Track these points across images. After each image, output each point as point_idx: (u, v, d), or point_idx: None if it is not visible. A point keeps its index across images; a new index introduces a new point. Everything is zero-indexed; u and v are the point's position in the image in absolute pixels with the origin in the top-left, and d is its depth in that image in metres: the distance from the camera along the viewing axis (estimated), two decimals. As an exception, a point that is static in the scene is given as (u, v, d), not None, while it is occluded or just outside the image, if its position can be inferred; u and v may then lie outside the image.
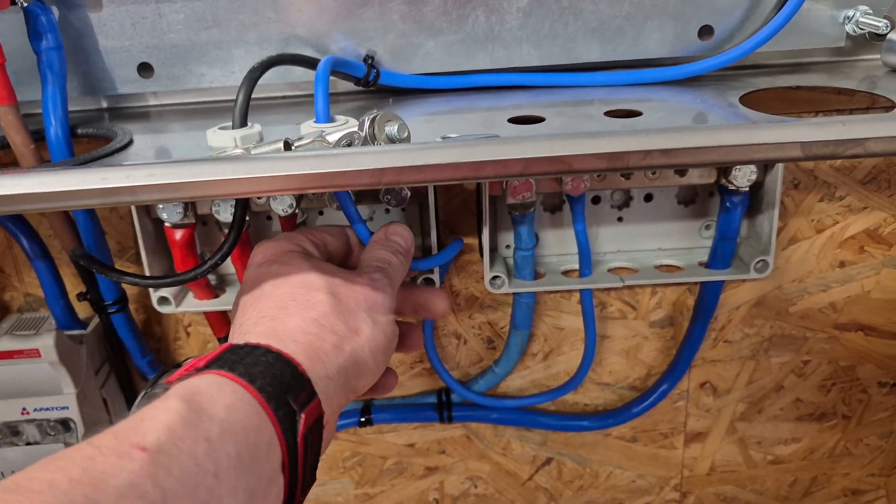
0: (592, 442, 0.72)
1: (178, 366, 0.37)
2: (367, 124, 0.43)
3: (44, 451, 0.59)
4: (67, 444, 0.59)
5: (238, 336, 0.38)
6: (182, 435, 0.29)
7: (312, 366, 0.36)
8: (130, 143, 0.50)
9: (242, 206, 0.49)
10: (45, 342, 0.55)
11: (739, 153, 0.37)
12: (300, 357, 0.36)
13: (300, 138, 0.45)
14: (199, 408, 0.30)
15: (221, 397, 0.31)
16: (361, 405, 0.68)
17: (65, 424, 0.59)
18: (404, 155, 0.37)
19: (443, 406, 0.67)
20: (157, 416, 0.29)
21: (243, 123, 0.48)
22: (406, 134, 0.43)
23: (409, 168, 0.37)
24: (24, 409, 0.58)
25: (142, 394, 0.35)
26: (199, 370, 0.33)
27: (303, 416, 0.34)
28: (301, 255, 0.44)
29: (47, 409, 0.58)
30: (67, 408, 0.58)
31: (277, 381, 0.33)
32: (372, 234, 0.51)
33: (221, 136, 0.47)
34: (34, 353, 0.56)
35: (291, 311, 0.39)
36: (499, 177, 0.38)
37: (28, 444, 0.59)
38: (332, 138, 0.44)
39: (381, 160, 0.37)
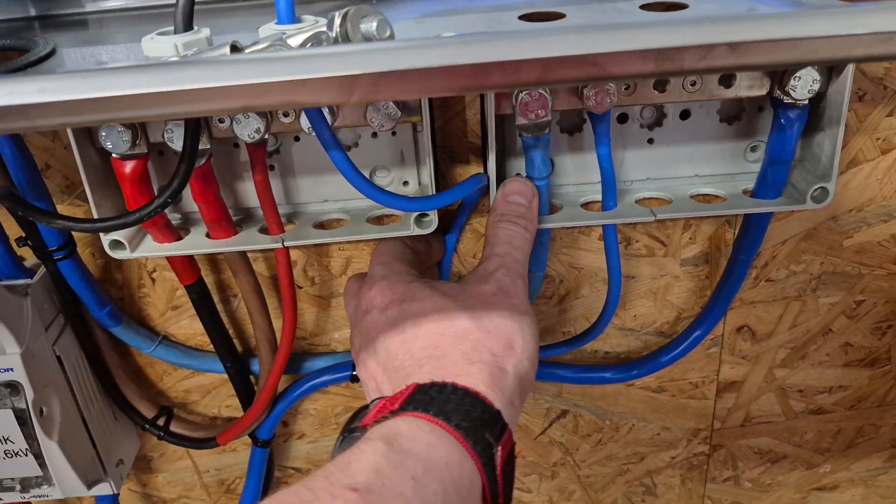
0: (613, 392, 0.64)
1: (367, 408, 0.38)
2: (337, 22, 0.34)
3: (-11, 417, 0.51)
4: (16, 409, 0.52)
5: (402, 379, 0.38)
6: (389, 475, 0.30)
7: (495, 396, 0.36)
8: (51, 54, 0.41)
9: (193, 130, 0.40)
10: (-23, 296, 0.47)
11: (835, 47, 0.27)
12: (482, 389, 0.36)
13: (255, 42, 0.35)
14: (402, 448, 0.32)
15: (422, 437, 0.33)
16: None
17: (12, 388, 0.51)
18: (383, 56, 0.28)
19: (445, 357, 0.59)
20: (364, 458, 0.31)
21: (187, 27, 0.38)
22: (388, 33, 0.34)
23: (389, 75, 0.28)
24: (-39, 372, 0.50)
25: (340, 438, 0.37)
26: (393, 412, 0.34)
27: (499, 448, 0.35)
28: (421, 283, 0.44)
29: (-11, 371, 0.50)
30: (12, 369, 0.50)
31: (471, 416, 0.34)
32: (351, 166, 0.43)
33: (159, 44, 0.38)
34: (-34, 309, 0.48)
35: (446, 345, 0.38)
36: (509, 86, 0.29)
37: (-29, 410, 0.52)
38: (295, 41, 0.35)
39: (351, 64, 0.28)
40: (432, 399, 0.35)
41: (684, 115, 0.51)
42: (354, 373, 0.60)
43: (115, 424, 0.61)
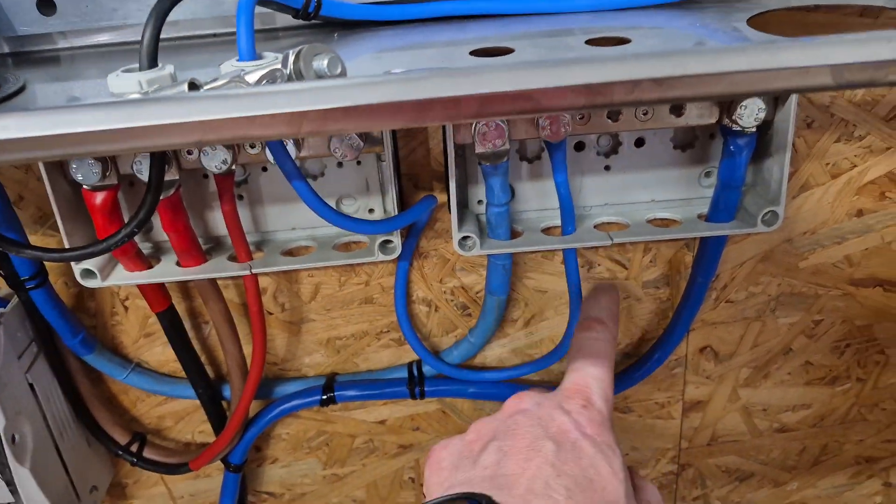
0: (582, 414, 0.65)
1: None
2: (290, 59, 0.35)
3: (-40, 446, 0.52)
4: (-13, 438, 0.52)
5: (542, 495, 0.33)
6: None
7: None
8: (21, 90, 0.42)
9: (157, 163, 0.42)
10: (-51, 325, 0.48)
11: (753, 81, 0.29)
12: None
13: (214, 79, 0.37)
14: None
15: None
16: (324, 381, 0.61)
17: (-17, 416, 0.52)
18: (329, 94, 0.29)
19: (414, 381, 0.61)
20: None
21: (151, 64, 0.40)
22: (339, 69, 0.35)
23: (334, 111, 0.29)
24: (-67, 400, 0.51)
25: None
26: None
27: None
28: (619, 449, 0.38)
29: (-40, 400, 0.51)
30: (-17, 398, 0.51)
31: None
32: (312, 192, 0.44)
33: (124, 81, 0.39)
34: (-63, 339, 0.49)
35: (566, 484, 0.34)
36: (449, 119, 0.30)
37: (-58, 439, 0.52)
38: (252, 78, 0.36)
39: (298, 101, 0.29)
40: None
41: (639, 142, 0.53)
42: (324, 397, 0.60)
43: (88, 451, 0.62)
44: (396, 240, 0.51)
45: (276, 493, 0.68)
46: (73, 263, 0.51)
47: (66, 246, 0.51)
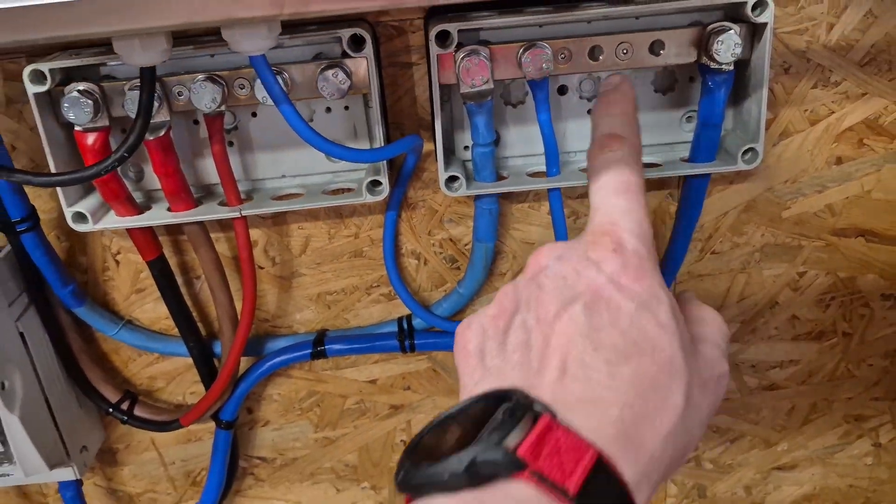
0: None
1: (527, 408, 0.28)
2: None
3: (-50, 390, 0.52)
4: (-23, 382, 0.53)
5: (579, 378, 0.29)
6: None
7: None
8: None
9: (149, 82, 0.42)
10: (-59, 264, 0.49)
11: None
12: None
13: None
14: None
15: None
16: (314, 335, 0.61)
17: (-27, 360, 0.52)
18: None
19: (404, 334, 0.61)
20: None
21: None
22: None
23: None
24: (-76, 343, 0.51)
25: (485, 433, 0.28)
26: (566, 498, 0.26)
27: None
28: (667, 293, 0.32)
29: (-50, 342, 0.51)
30: (-27, 341, 0.51)
31: None
32: (300, 118, 0.45)
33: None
34: (-71, 278, 0.49)
35: (649, 409, 0.29)
36: None
37: (-68, 383, 0.52)
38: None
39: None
40: (605, 492, 0.27)
41: (620, 85, 0.54)
42: (316, 349, 0.61)
43: (79, 410, 0.62)
44: (384, 180, 0.52)
45: (269, 457, 0.68)
46: (65, 207, 0.52)
47: (61, 196, 0.52)
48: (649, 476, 0.28)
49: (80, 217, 0.52)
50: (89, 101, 0.49)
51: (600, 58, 0.50)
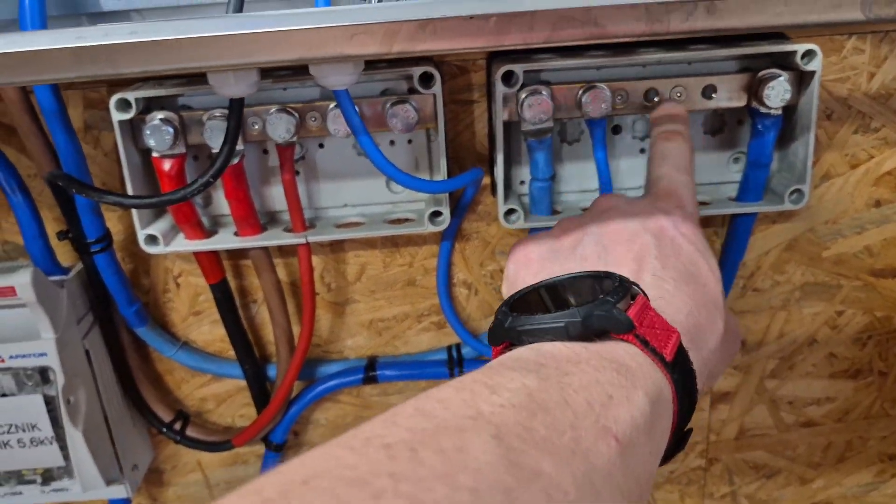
0: (613, 403, 0.67)
1: (629, 286, 0.31)
2: None
3: (19, 402, 0.54)
4: (46, 396, 0.54)
5: (653, 285, 0.34)
6: (644, 444, 0.27)
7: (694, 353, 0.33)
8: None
9: (237, 108, 0.45)
10: (22, 279, 0.51)
11: (797, 11, 0.33)
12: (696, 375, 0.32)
13: None
14: (659, 418, 0.29)
15: (662, 423, 0.30)
16: (366, 361, 0.63)
17: (43, 374, 0.54)
18: (416, 10, 0.33)
19: (453, 362, 0.63)
20: (634, 405, 0.27)
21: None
22: None
23: (419, 24, 0.33)
24: (-2, 355, 0.53)
25: (597, 296, 0.31)
26: (663, 363, 0.30)
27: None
28: (713, 253, 0.39)
29: (24, 355, 0.53)
30: (46, 354, 0.53)
31: (683, 428, 0.33)
32: (376, 147, 0.47)
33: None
34: (9, 292, 0.51)
35: (703, 325, 0.34)
36: (524, 41, 0.34)
37: (3, 395, 0.54)
38: None
39: (393, 14, 0.33)
40: (684, 379, 0.31)
41: (672, 126, 0.57)
42: (367, 375, 0.62)
43: (132, 428, 0.63)
44: (446, 211, 0.54)
45: (311, 481, 0.69)
46: (138, 229, 0.54)
47: (135, 218, 0.54)
48: (701, 374, 0.32)
49: (152, 239, 0.55)
50: (170, 129, 0.51)
51: (655, 99, 0.53)
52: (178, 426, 0.63)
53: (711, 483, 0.71)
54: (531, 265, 0.37)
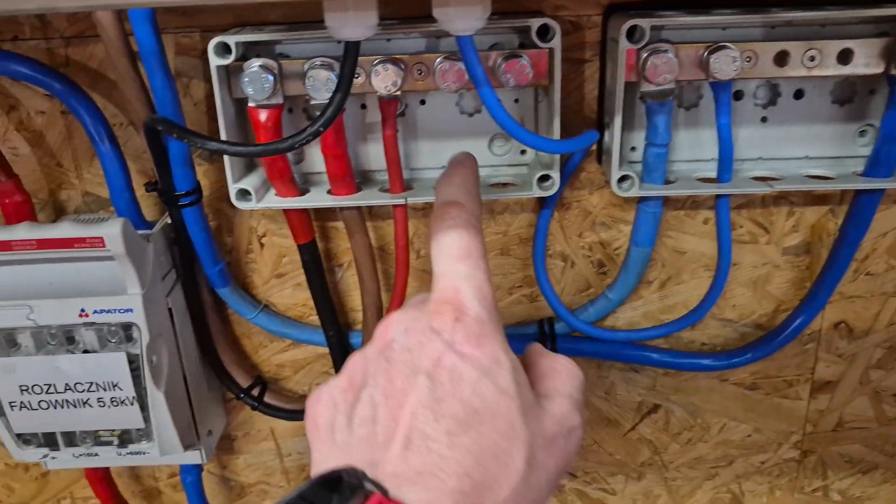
0: (707, 388, 0.63)
1: (356, 489, 0.29)
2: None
3: (102, 360, 0.51)
4: (130, 355, 0.52)
5: (420, 451, 0.30)
6: None
7: None
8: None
9: (354, 52, 0.42)
10: (111, 230, 0.48)
11: None
12: None
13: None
14: None
15: None
16: (453, 333, 0.60)
17: (127, 331, 0.51)
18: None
19: (545, 337, 0.60)
20: None
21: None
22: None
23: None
24: (82, 310, 0.51)
25: None
26: None
27: None
28: (508, 354, 0.33)
29: (109, 311, 0.51)
30: (132, 310, 0.51)
31: None
32: (497, 99, 0.44)
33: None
34: (97, 243, 0.49)
35: (488, 477, 0.30)
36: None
37: (85, 351, 0.52)
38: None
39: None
40: None
41: (798, 94, 0.53)
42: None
43: (208, 393, 0.61)
44: (556, 175, 0.51)
45: (386, 455, 0.66)
46: (230, 183, 0.51)
47: (227, 167, 0.51)
48: None
49: (243, 194, 0.52)
50: (269, 77, 0.48)
51: (787, 63, 0.49)
52: (255, 392, 0.61)
53: (804, 476, 0.67)
54: (320, 435, 0.33)
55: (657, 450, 0.66)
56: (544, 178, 0.51)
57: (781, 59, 0.49)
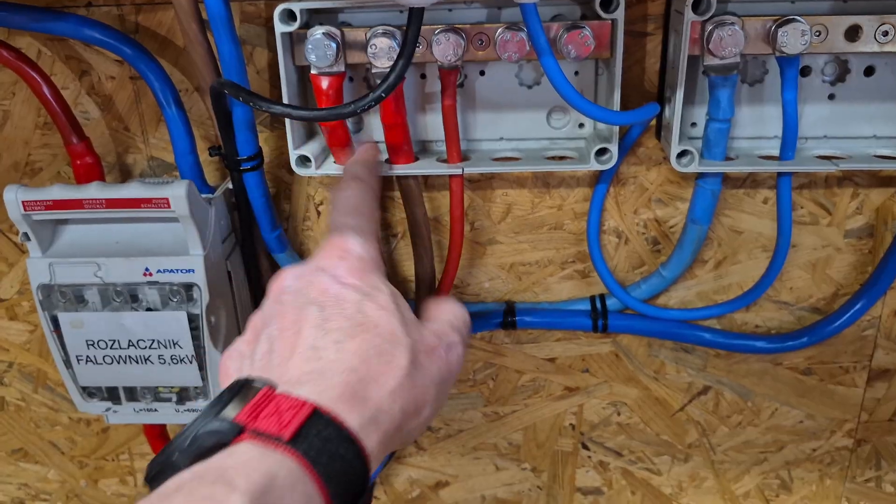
0: (759, 371, 0.63)
1: (248, 384, 0.33)
2: None
3: (164, 318, 0.53)
4: (190, 314, 0.53)
5: (310, 359, 0.34)
6: None
7: (377, 455, 0.33)
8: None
9: (418, 17, 0.42)
10: (177, 191, 0.49)
11: None
12: (371, 447, 0.32)
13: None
14: (272, 487, 0.28)
15: (293, 499, 0.28)
16: (504, 305, 0.61)
17: (188, 291, 0.53)
18: None
19: (597, 313, 0.59)
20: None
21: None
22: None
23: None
24: (146, 269, 0.52)
25: (204, 411, 0.31)
26: (281, 441, 0.29)
27: None
28: (387, 285, 0.39)
29: (172, 270, 0.52)
30: (194, 271, 0.52)
31: (350, 485, 0.31)
32: (560, 70, 0.44)
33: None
34: (163, 204, 0.50)
35: (373, 371, 0.34)
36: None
37: (148, 309, 0.53)
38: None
39: None
40: (323, 446, 0.30)
41: (868, 71, 0.52)
42: (506, 320, 0.60)
43: (262, 357, 0.62)
44: (614, 149, 0.51)
45: (434, 426, 0.67)
46: (291, 149, 0.52)
47: (289, 134, 0.52)
48: (378, 423, 0.33)
49: (303, 161, 0.53)
50: (332, 45, 0.49)
51: (858, 38, 0.48)
52: (308, 357, 0.62)
53: (856, 465, 0.66)
54: (228, 380, 0.36)
55: (705, 432, 0.65)
56: (602, 151, 0.51)
57: (853, 33, 0.48)
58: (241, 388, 0.32)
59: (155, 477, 0.30)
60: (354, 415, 0.32)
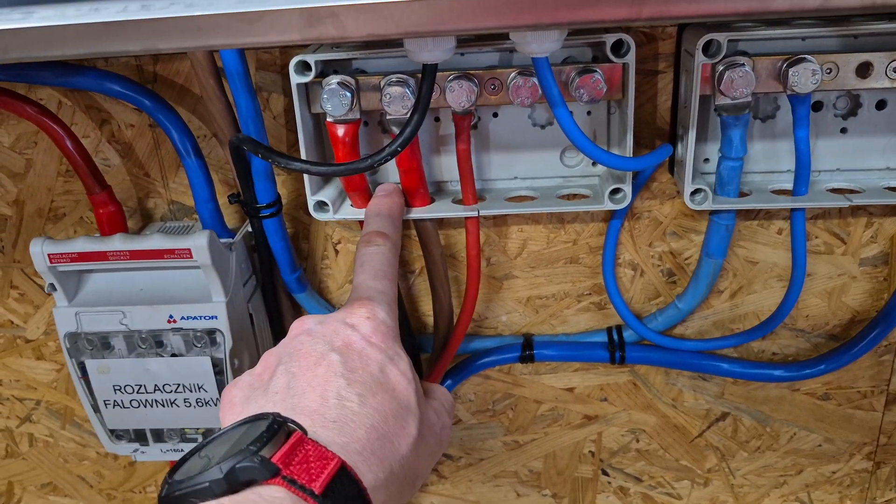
0: (777, 398, 0.63)
1: (281, 425, 0.33)
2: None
3: (188, 363, 0.54)
4: (214, 359, 0.54)
5: (334, 407, 0.35)
6: None
7: None
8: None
9: (432, 74, 0.43)
10: (199, 242, 0.50)
11: None
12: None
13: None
14: None
15: None
16: (522, 339, 0.61)
17: (212, 336, 0.54)
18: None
19: (614, 345, 0.60)
20: None
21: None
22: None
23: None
24: (170, 316, 0.53)
25: (237, 440, 0.33)
26: (313, 496, 0.31)
27: None
28: (406, 354, 0.41)
29: (195, 317, 0.53)
30: (216, 317, 0.53)
31: None
32: (573, 121, 0.45)
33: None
34: (185, 254, 0.51)
35: (390, 433, 0.36)
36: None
37: (173, 355, 0.54)
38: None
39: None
40: (348, 493, 0.32)
41: (881, 105, 0.52)
42: (524, 354, 0.60)
43: (284, 393, 0.63)
44: (627, 189, 0.51)
45: (455, 455, 0.68)
46: (309, 195, 0.53)
47: (307, 185, 0.53)
48: (388, 486, 0.34)
49: (321, 206, 0.54)
50: (347, 94, 0.49)
51: (869, 75, 0.48)
52: (329, 393, 0.63)
53: (876, 487, 0.66)
54: (234, 409, 0.38)
55: (724, 456, 0.66)
56: (616, 190, 0.52)
57: (864, 70, 0.48)
58: (279, 429, 0.33)
59: (180, 499, 0.31)
60: (370, 474, 0.34)
